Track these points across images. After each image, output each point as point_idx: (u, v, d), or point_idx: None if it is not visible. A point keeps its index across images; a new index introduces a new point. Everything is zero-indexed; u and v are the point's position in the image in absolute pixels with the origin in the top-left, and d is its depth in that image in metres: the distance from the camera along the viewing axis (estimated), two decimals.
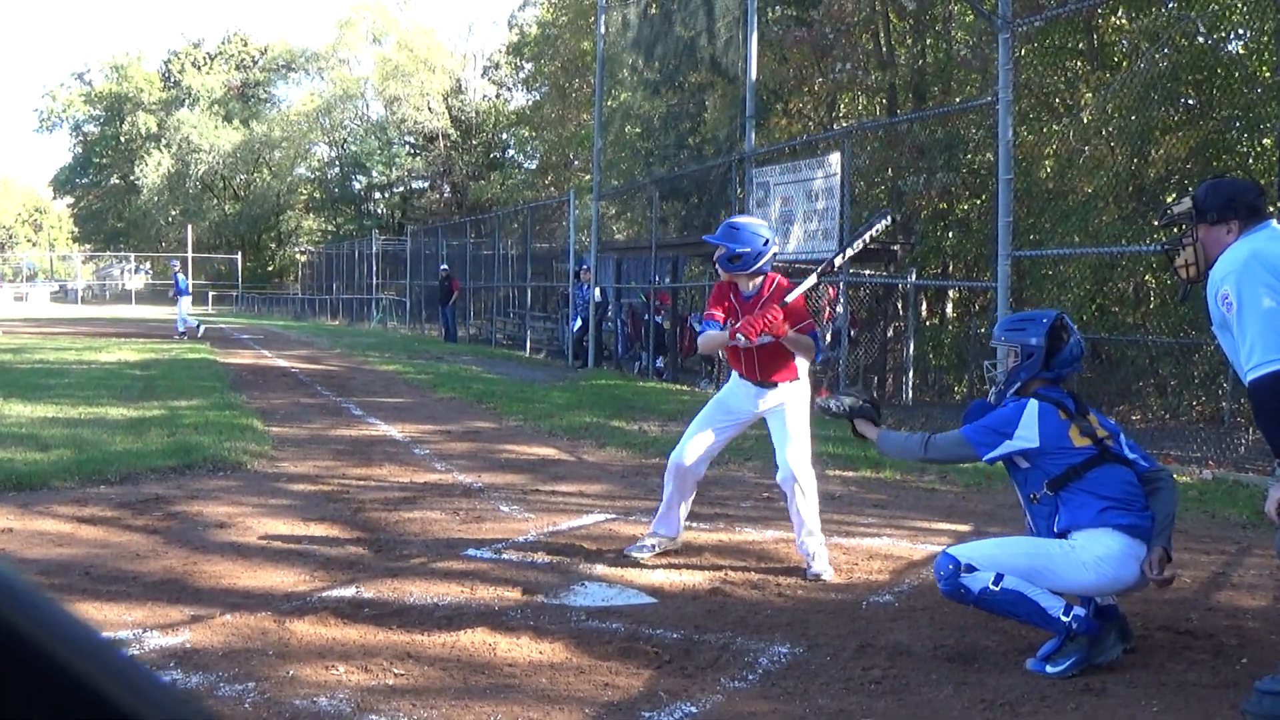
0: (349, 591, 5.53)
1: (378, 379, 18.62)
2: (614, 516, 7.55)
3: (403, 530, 6.99)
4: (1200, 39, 13.87)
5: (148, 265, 77.43)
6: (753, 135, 17.42)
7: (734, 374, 6.42)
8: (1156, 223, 9.36)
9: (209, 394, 14.45)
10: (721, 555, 6.39)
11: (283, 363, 21.93)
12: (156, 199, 69.48)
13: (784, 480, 6.13)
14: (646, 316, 21.06)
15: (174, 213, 70.10)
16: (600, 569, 6.07)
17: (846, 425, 5.46)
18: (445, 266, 32.33)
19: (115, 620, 4.93)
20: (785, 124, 25.60)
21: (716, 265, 6.33)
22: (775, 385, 6.19)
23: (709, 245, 6.57)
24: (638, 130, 29.09)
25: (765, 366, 6.19)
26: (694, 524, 7.23)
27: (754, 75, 17.38)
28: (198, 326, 30.27)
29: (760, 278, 6.22)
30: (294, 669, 4.38)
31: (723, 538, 6.87)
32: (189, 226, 68.06)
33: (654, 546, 6.40)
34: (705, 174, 22.43)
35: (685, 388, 17.87)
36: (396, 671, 4.39)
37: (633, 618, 5.17)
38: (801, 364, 6.22)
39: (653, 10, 25.75)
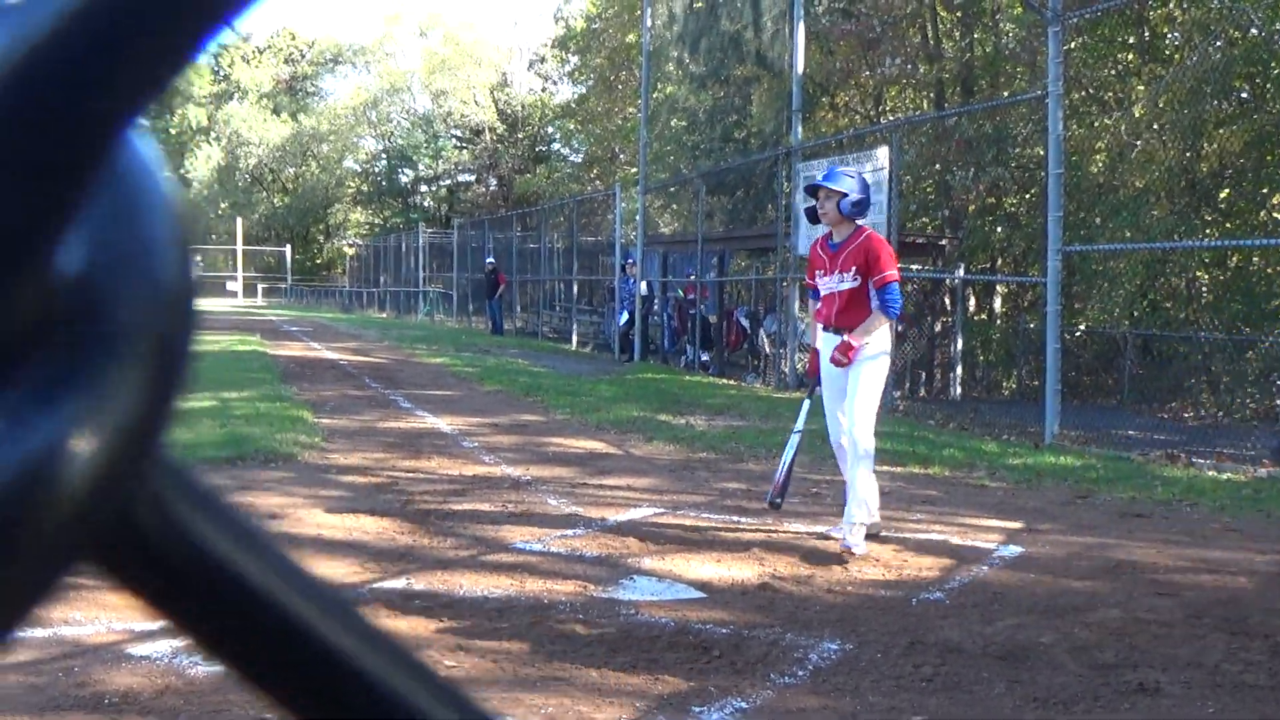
0: (400, 583, 5.56)
1: (425, 371, 18.73)
2: (662, 510, 7.56)
3: (452, 523, 7.03)
4: (1254, 31, 13.68)
5: (199, 259, 78.11)
6: (799, 129, 17.36)
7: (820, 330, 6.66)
8: None
9: (259, 385, 14.58)
10: (769, 550, 6.37)
11: (331, 355, 22.11)
12: (206, 192, 70.04)
13: (845, 439, 6.32)
14: (693, 311, 21.06)
15: (224, 206, 70.67)
16: (648, 563, 6.08)
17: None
18: (491, 260, 32.42)
19: None
20: (832, 118, 25.50)
21: (830, 212, 6.39)
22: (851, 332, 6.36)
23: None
24: (683, 123, 29.04)
25: (841, 313, 6.39)
26: (741, 519, 7.25)
27: (800, 69, 17.32)
28: None
29: (853, 227, 6.41)
30: None
31: (771, 533, 6.86)
32: (238, 220, 68.66)
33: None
34: (751, 168, 22.36)
35: (732, 382, 17.87)
36: (448, 663, 4.42)
37: (681, 612, 5.17)
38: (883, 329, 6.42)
39: (698, 3, 25.70)
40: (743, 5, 23.91)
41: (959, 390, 16.76)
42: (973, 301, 19.42)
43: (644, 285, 21.85)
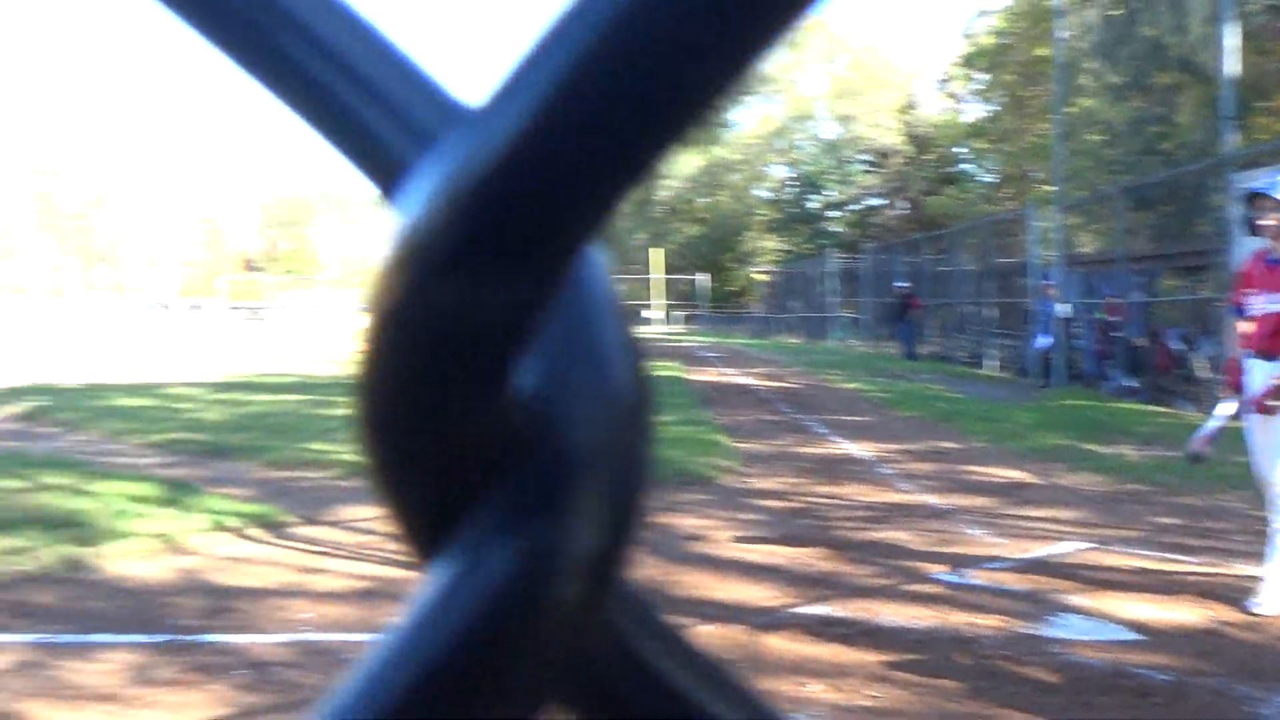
0: (820, 609, 5.63)
1: (838, 396, 18.80)
2: (1092, 545, 7.23)
3: (871, 550, 7.03)
4: None
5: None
6: (1233, 137, 16.20)
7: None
8: None
9: (678, 410, 15.09)
10: (1213, 593, 5.97)
11: (745, 380, 22.59)
12: (623, 224, 73.36)
13: (1267, 495, 5.78)
14: (1117, 333, 20.05)
15: (639, 236, 73.78)
16: (1077, 600, 5.85)
17: None
18: (904, 284, 32.18)
19: None
20: (1270, 123, 23.64)
21: (1270, 225, 5.86)
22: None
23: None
24: (1101, 137, 27.76)
25: (1270, 338, 5.80)
26: (1181, 557, 6.84)
27: (1231, 72, 16.16)
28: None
29: None
30: (767, 683, 4.51)
31: (1214, 573, 6.43)
32: (656, 250, 71.45)
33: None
34: (1178, 181, 21.03)
35: (1163, 409, 16.85)
36: (869, 693, 4.43)
37: (1115, 654, 4.95)
38: None
39: (1114, 11, 24.55)
40: (1165, 9, 22.66)
41: None
42: None
43: (1066, 307, 20.99)
